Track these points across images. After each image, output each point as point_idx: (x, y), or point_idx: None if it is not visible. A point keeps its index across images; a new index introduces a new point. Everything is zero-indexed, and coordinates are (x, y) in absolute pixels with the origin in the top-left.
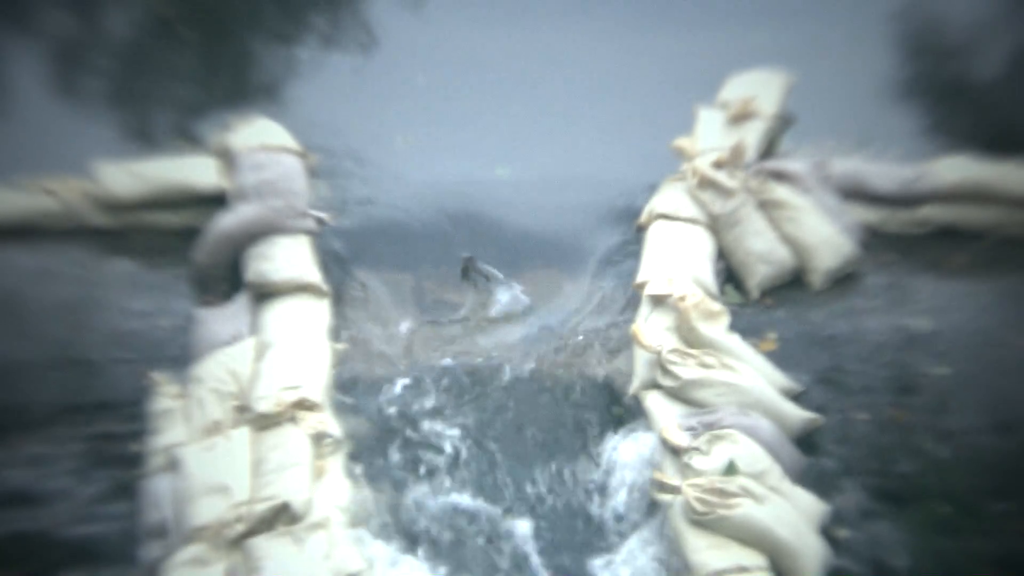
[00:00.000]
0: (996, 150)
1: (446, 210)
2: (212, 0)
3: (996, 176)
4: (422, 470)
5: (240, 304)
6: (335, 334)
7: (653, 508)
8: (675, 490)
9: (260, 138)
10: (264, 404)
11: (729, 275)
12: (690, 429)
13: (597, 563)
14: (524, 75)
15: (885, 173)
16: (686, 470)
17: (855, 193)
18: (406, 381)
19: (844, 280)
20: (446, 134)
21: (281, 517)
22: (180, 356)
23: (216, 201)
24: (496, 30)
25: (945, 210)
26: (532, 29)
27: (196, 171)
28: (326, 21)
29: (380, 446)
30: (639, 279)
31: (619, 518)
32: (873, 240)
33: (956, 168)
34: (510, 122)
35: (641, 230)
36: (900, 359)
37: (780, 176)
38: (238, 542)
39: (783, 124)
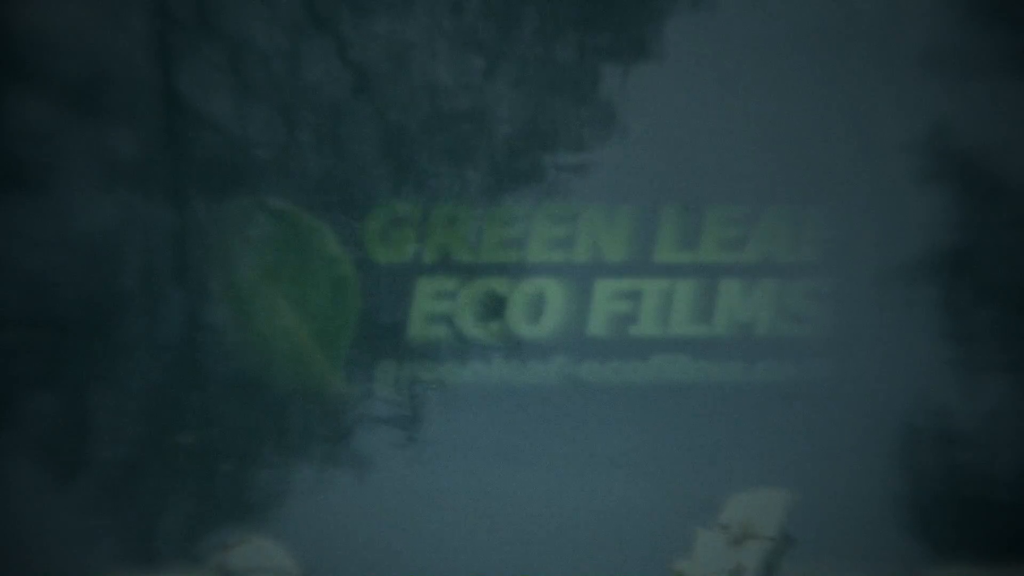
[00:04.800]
0: (992, 558)
1: None
2: (223, 414)
3: None
4: None
5: None
6: None
7: None
8: None
9: (258, 559)
10: None
11: None
12: None
13: None
14: (515, 485)
15: None
16: None
17: None
18: None
19: None
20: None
21: None
22: None
23: None
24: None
25: None
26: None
27: None
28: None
29: None
30: None
31: None
32: None
33: None
34: (500, 539)
35: None
36: None
37: None
38: None
39: (783, 545)
